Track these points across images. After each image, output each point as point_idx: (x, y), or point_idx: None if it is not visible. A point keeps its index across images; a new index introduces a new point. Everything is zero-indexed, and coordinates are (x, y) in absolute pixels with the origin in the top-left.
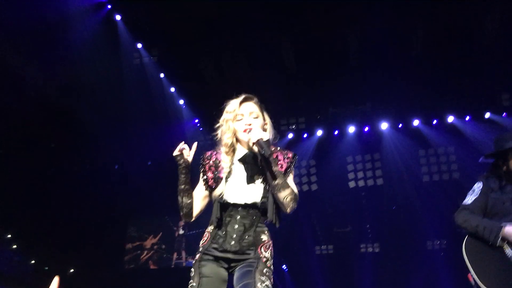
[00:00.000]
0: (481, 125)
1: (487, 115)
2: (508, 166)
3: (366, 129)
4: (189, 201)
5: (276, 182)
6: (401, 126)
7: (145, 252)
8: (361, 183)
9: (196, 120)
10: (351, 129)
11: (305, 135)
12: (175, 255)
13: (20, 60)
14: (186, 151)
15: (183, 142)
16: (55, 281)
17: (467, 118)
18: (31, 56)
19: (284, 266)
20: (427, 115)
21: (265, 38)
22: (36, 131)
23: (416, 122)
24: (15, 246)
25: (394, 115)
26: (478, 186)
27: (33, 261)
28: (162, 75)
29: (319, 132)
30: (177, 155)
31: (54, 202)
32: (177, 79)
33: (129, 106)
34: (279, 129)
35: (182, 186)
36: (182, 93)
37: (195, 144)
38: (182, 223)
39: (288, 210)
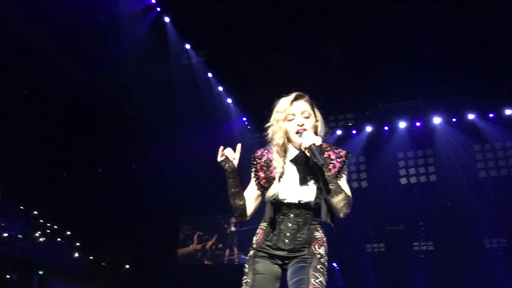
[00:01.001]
0: None
1: None
2: None
3: (418, 124)
4: (242, 202)
5: (329, 187)
6: (455, 121)
7: (200, 249)
8: (413, 179)
9: (244, 118)
10: (402, 124)
11: (354, 132)
12: (227, 252)
13: (74, 61)
14: (231, 154)
15: (222, 147)
16: None
17: None
18: (85, 57)
19: (334, 264)
20: (483, 108)
21: (312, 35)
22: (90, 130)
23: (471, 116)
24: (74, 244)
25: (447, 109)
26: None
27: (91, 257)
28: (210, 74)
29: (369, 128)
30: (221, 161)
31: (109, 200)
32: (224, 78)
33: (179, 106)
34: (327, 126)
35: (233, 190)
36: (229, 92)
37: (239, 146)
38: (233, 220)
39: (342, 215)
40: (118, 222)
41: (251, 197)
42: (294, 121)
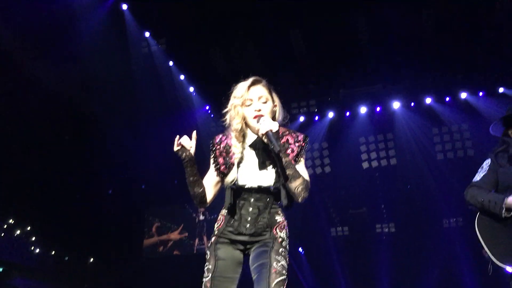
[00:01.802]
0: (495, 101)
1: (501, 90)
2: None
3: (378, 109)
4: (201, 189)
5: (287, 173)
6: (413, 105)
7: (168, 241)
8: (374, 163)
9: (207, 107)
10: (363, 109)
11: (316, 118)
12: (196, 241)
13: (31, 57)
14: (187, 143)
15: (177, 136)
16: None
17: (481, 94)
18: (41, 52)
19: (300, 249)
20: (439, 92)
21: (274, 22)
22: (50, 126)
23: (428, 100)
24: (34, 238)
25: (406, 94)
26: (486, 163)
27: (53, 252)
28: (171, 63)
29: (331, 114)
30: (177, 150)
31: (72, 194)
32: (186, 67)
33: (140, 96)
34: (290, 112)
35: (191, 178)
36: (191, 81)
37: (194, 133)
38: (202, 209)
39: (300, 199)
40: (82, 216)
41: (210, 183)
42: (252, 106)
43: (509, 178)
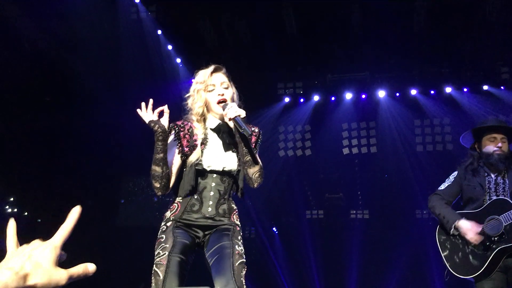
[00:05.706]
0: (478, 97)
1: (485, 87)
2: (480, 148)
3: (363, 96)
4: (168, 170)
5: (248, 158)
6: (399, 95)
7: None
8: (355, 150)
9: (193, 80)
10: (348, 96)
11: (301, 100)
12: None
13: (15, 12)
14: (150, 116)
15: (143, 104)
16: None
17: (465, 90)
18: (26, 8)
19: (274, 229)
20: (425, 85)
21: (267, 1)
22: (31, 85)
23: (413, 92)
24: (12, 199)
25: (392, 84)
26: (453, 175)
27: (26, 213)
28: (159, 31)
29: (316, 98)
30: (150, 122)
31: (48, 155)
32: (175, 37)
33: (125, 62)
34: (276, 92)
35: (161, 155)
36: (179, 52)
37: (165, 108)
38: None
39: (255, 185)
40: (57, 177)
41: (174, 166)
42: (215, 91)
43: (471, 191)
